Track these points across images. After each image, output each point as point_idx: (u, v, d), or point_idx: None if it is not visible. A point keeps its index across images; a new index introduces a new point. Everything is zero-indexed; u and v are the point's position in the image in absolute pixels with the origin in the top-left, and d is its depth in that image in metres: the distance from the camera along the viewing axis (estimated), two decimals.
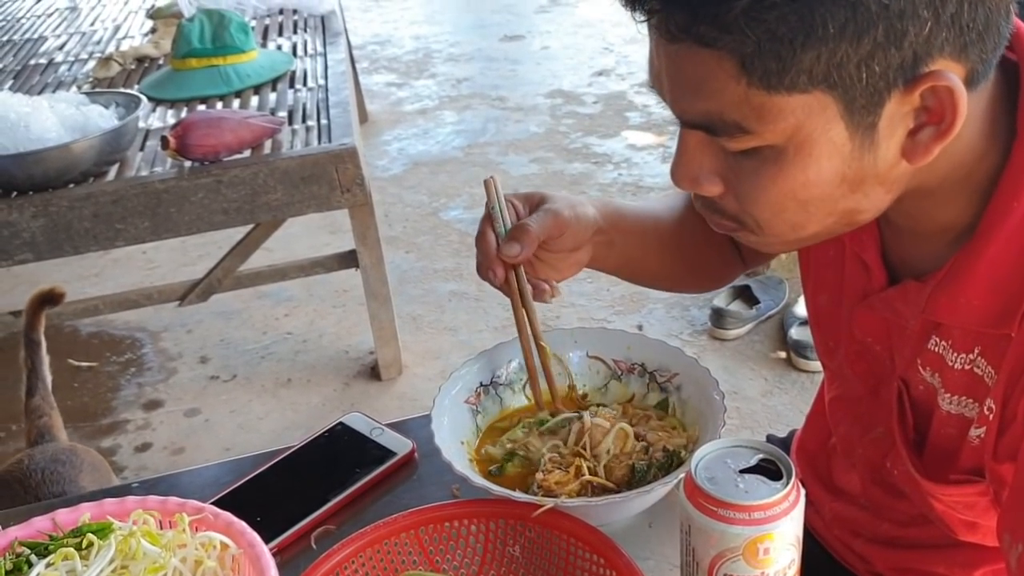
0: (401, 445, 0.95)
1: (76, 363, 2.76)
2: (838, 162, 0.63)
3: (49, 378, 1.68)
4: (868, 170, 0.64)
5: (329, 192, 2.11)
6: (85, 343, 2.87)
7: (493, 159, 3.69)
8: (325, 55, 2.68)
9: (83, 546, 0.71)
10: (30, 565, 0.70)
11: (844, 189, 0.65)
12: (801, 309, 2.46)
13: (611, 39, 4.78)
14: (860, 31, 0.57)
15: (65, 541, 0.72)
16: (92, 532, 0.71)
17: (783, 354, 2.43)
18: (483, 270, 0.85)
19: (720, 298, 2.54)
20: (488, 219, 0.85)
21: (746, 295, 2.54)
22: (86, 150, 2.01)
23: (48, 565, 0.69)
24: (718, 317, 2.48)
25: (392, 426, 0.98)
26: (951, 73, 0.60)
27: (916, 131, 0.63)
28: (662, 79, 0.66)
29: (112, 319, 2.90)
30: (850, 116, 0.61)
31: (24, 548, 0.72)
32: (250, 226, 2.31)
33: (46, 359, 1.69)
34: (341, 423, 0.98)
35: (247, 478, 0.92)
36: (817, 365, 2.27)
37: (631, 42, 4.67)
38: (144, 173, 2.08)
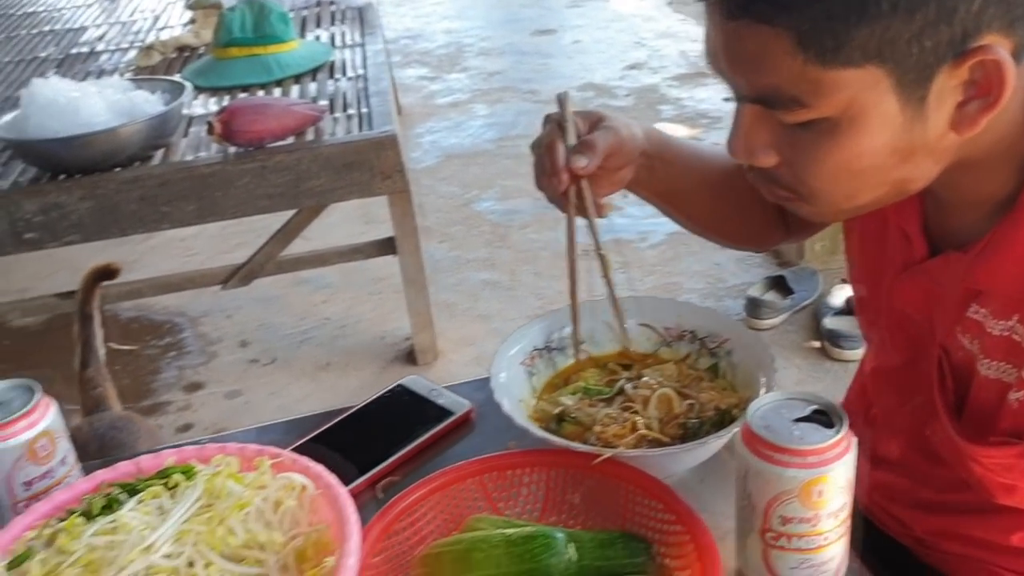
0: (459, 405, 0.98)
1: (117, 346, 2.82)
2: (889, 134, 0.66)
3: (102, 351, 1.73)
4: (918, 142, 0.67)
5: (370, 179, 2.15)
6: (125, 327, 2.93)
7: (525, 152, 3.70)
8: (363, 46, 2.72)
9: (169, 486, 0.75)
10: (120, 503, 0.74)
11: (895, 160, 0.68)
12: (835, 299, 2.48)
13: (643, 33, 4.80)
14: (912, 8, 0.61)
15: (152, 482, 0.76)
16: (178, 474, 0.75)
17: (817, 344, 2.44)
18: (545, 179, 0.85)
19: (755, 288, 2.56)
20: (556, 130, 0.85)
21: (780, 285, 2.55)
22: (133, 134, 2.06)
23: (139, 502, 0.73)
24: (753, 307, 2.50)
25: (448, 389, 1.02)
26: (1000, 47, 0.63)
27: (964, 103, 0.66)
28: (719, 56, 0.69)
29: (151, 304, 2.96)
30: (901, 89, 0.64)
31: (114, 488, 0.76)
32: (292, 212, 2.36)
33: (99, 332, 1.74)
34: (400, 385, 1.02)
35: (312, 434, 0.95)
36: (851, 355, 2.31)
37: (663, 36, 4.68)
38: (189, 158, 2.13)
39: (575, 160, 0.84)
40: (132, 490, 0.75)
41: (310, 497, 0.75)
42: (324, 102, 2.34)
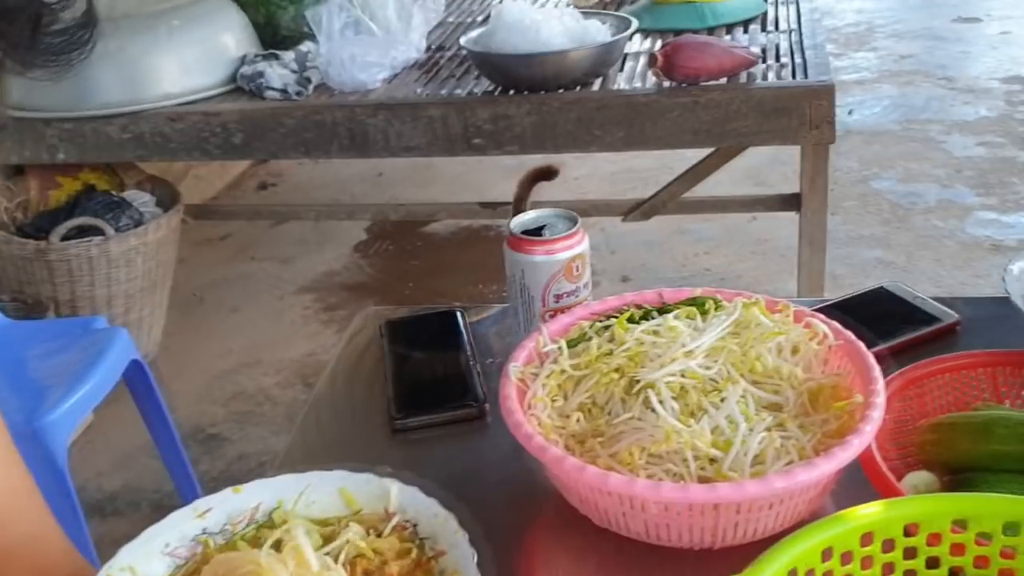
0: (945, 315, 0.98)
1: None
2: None
3: None
4: None
5: (797, 126, 2.15)
6: None
7: (934, 137, 3.52)
8: (797, 3, 2.71)
9: (702, 311, 0.82)
10: (650, 318, 0.82)
11: None
12: None
13: None
14: None
15: (682, 306, 0.84)
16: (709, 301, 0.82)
17: None
18: None
19: None
20: None
21: None
22: (581, 59, 2.22)
23: (676, 318, 0.81)
24: None
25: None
26: None
27: None
28: None
29: None
30: None
31: (643, 308, 0.85)
32: (705, 154, 2.43)
33: None
34: (882, 287, 1.04)
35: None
36: None
37: None
38: (625, 87, 2.25)
39: None
40: (661, 311, 0.83)
41: (827, 347, 0.79)
42: (756, 50, 2.37)
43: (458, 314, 1.09)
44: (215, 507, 0.72)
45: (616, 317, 0.83)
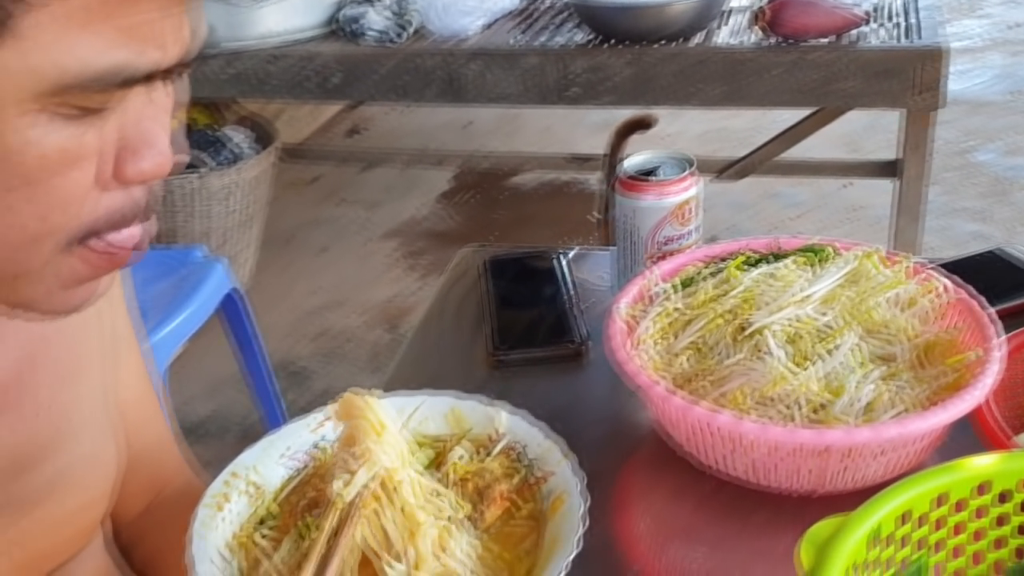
0: None
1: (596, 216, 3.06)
2: None
3: None
4: None
5: (903, 90, 2.09)
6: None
7: None
8: None
9: (818, 259, 0.81)
10: (764, 263, 0.82)
11: None
12: None
13: None
14: None
15: (796, 253, 0.83)
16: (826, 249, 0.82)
17: None
18: None
19: None
20: None
21: None
22: (682, 12, 2.18)
23: (791, 264, 0.80)
24: None
25: None
26: None
27: None
28: None
29: None
30: None
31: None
32: (800, 117, 2.38)
33: None
34: (992, 251, 1.01)
35: None
36: None
37: None
38: (726, 43, 2.21)
39: None
40: (776, 257, 0.83)
41: (943, 303, 0.78)
42: (865, 8, 2.30)
43: (558, 255, 1.10)
44: (331, 419, 0.74)
45: (727, 261, 0.83)
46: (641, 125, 1.92)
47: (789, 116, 2.66)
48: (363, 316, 2.68)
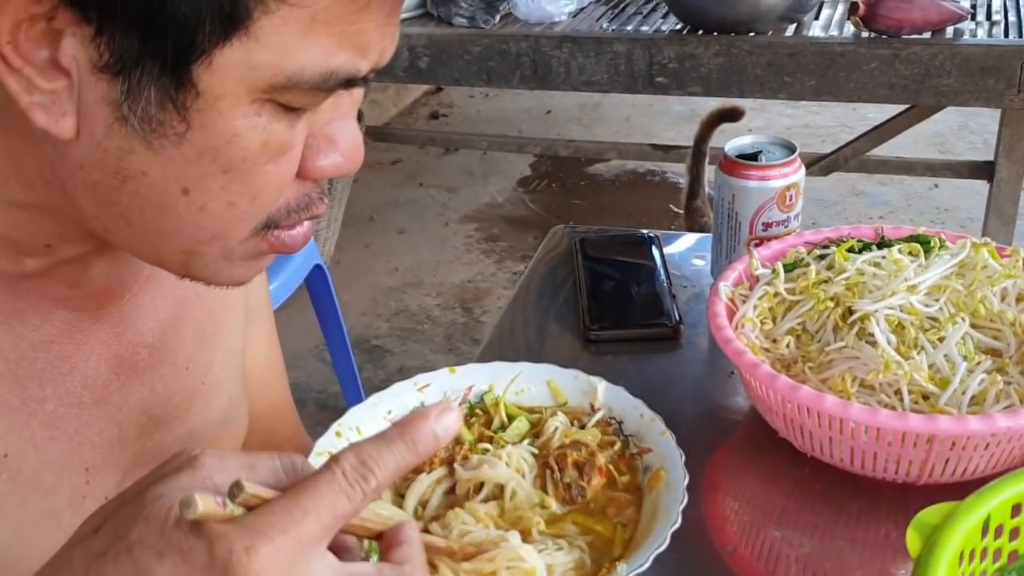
0: None
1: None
2: None
3: (707, 186, 1.89)
4: None
5: (1004, 89, 2.03)
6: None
7: None
8: None
9: (925, 248, 0.80)
10: (869, 251, 0.81)
11: None
12: None
13: None
14: None
15: (902, 242, 0.82)
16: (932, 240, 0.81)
17: None
18: None
19: None
20: None
21: None
22: (776, 3, 2.15)
23: (899, 252, 0.79)
24: None
25: None
26: None
27: None
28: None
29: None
30: None
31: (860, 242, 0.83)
32: (890, 115, 2.33)
33: (708, 169, 1.90)
34: None
35: None
36: None
37: None
38: (819, 35, 2.18)
39: None
40: (880, 245, 0.82)
41: None
42: (966, 3, 2.24)
43: (652, 238, 1.10)
44: (433, 383, 0.76)
45: (831, 248, 0.82)
46: (731, 116, 1.91)
47: (877, 114, 2.61)
48: (439, 297, 2.71)
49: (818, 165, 2.47)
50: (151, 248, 0.52)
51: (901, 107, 2.33)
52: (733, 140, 0.95)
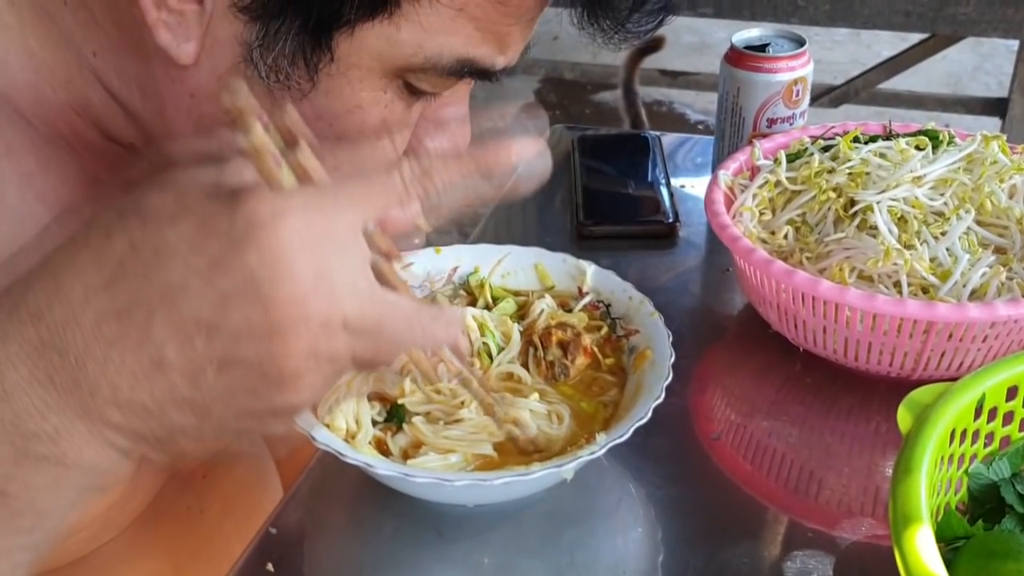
0: None
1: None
2: None
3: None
4: None
5: (1023, 19, 1.98)
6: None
7: None
8: None
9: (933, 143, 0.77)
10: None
11: None
12: None
13: None
14: None
15: (909, 137, 0.79)
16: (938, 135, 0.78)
17: None
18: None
19: None
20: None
21: None
22: None
23: (906, 144, 0.76)
24: None
25: None
26: None
27: None
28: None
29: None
30: None
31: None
32: (910, 45, 2.28)
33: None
34: None
35: None
36: None
37: None
38: None
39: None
40: (888, 138, 0.79)
41: None
42: None
43: (653, 137, 1.07)
44: (417, 262, 0.74)
45: (836, 140, 0.79)
46: (652, 48, 1.92)
47: (891, 52, 2.55)
48: (436, 221, 2.68)
49: (829, 96, 2.43)
50: None
51: (915, 42, 2.28)
52: (740, 32, 0.92)
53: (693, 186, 1.01)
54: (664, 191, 0.97)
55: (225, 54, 0.45)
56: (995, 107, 2.29)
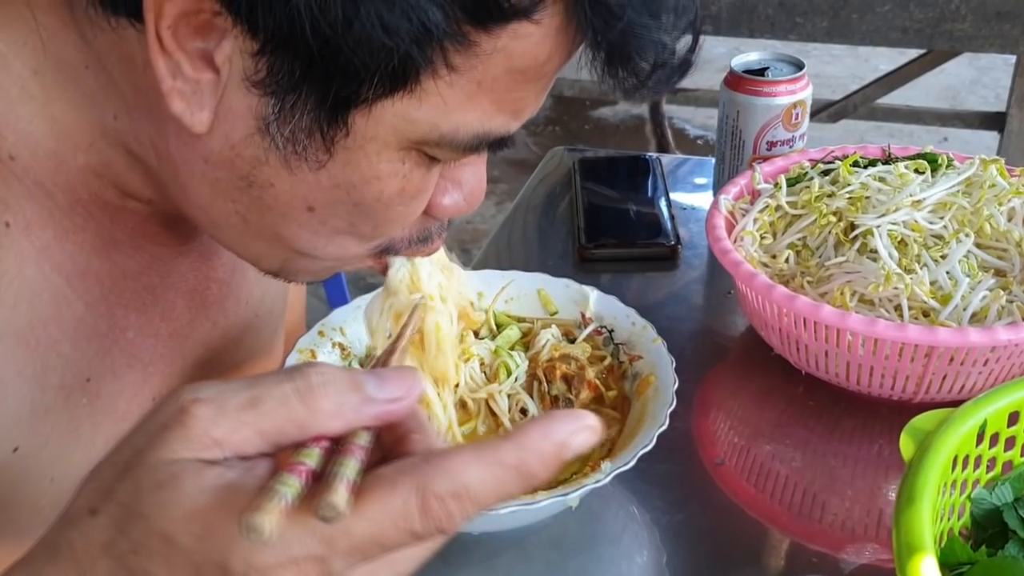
0: None
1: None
2: None
3: None
4: None
5: (1020, 35, 1.99)
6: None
7: None
8: None
9: (930, 166, 0.78)
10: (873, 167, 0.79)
11: None
12: None
13: None
14: None
15: (907, 160, 0.80)
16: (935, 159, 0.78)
17: None
18: None
19: None
20: None
21: None
22: None
23: (905, 168, 0.77)
24: None
25: None
26: None
27: None
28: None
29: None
30: None
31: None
32: (908, 59, 2.29)
33: None
34: None
35: None
36: None
37: None
38: None
39: None
40: (887, 162, 0.80)
41: None
42: None
43: (654, 159, 1.08)
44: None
45: (836, 164, 0.80)
46: None
47: (889, 66, 2.56)
48: None
49: (827, 111, 2.43)
50: (256, 246, 0.51)
51: (913, 56, 2.29)
52: (739, 56, 0.92)
53: (695, 208, 1.02)
54: (665, 213, 0.97)
55: (239, 124, 0.45)
56: (993, 121, 2.29)
